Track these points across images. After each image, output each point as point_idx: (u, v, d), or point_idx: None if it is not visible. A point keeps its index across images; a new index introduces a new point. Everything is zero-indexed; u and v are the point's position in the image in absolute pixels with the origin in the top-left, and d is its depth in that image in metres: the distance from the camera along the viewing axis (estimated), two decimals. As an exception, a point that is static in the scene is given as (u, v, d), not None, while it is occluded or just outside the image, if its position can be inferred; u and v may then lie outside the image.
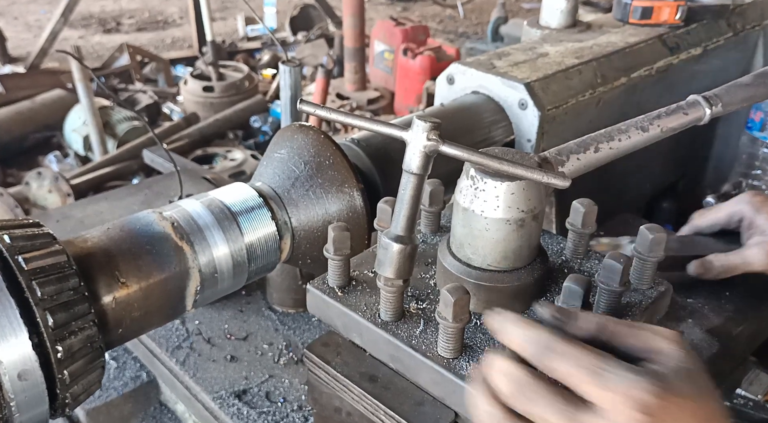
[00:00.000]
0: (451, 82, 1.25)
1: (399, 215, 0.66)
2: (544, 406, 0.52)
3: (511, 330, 0.55)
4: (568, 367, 0.52)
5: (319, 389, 0.80)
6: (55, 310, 0.67)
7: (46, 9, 7.54)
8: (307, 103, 0.67)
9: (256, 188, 0.95)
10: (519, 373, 0.53)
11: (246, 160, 4.30)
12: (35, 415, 0.68)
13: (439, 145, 0.63)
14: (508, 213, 0.66)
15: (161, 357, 1.29)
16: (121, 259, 0.77)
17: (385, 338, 0.69)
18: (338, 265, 0.75)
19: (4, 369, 0.63)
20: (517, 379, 0.53)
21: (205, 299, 0.88)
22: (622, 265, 0.66)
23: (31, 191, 3.50)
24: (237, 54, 6.08)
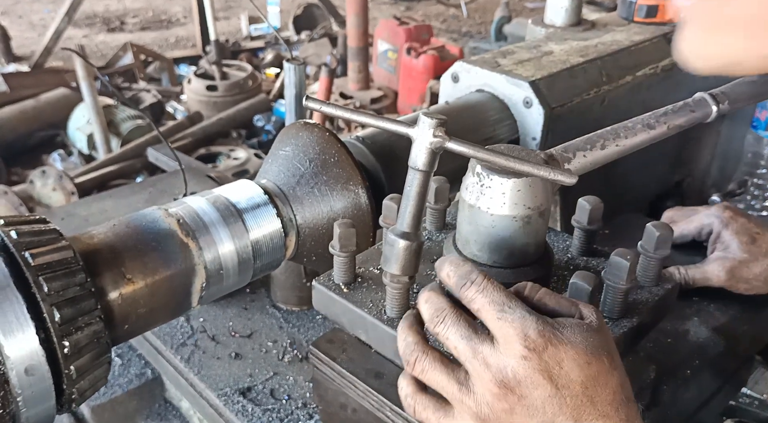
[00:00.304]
0: (455, 81, 1.25)
1: (405, 212, 0.66)
2: (453, 329, 0.57)
3: (445, 265, 0.60)
4: (480, 299, 0.57)
5: (325, 386, 0.80)
6: (61, 305, 0.67)
7: (50, 8, 7.56)
8: (313, 99, 0.68)
9: (261, 185, 0.95)
10: (439, 300, 0.59)
11: (249, 158, 4.31)
12: (42, 410, 0.68)
13: (445, 141, 0.63)
14: (514, 210, 0.66)
15: (166, 354, 1.29)
16: (127, 255, 0.78)
17: (391, 335, 0.69)
18: (344, 262, 0.75)
19: (11, 364, 0.64)
20: (437, 305, 0.59)
21: (211, 296, 0.88)
22: (629, 262, 0.66)
23: (35, 190, 3.52)
24: (240, 53, 6.10)
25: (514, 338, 0.54)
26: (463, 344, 0.56)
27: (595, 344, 0.55)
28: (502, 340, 0.55)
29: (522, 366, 0.54)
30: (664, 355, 0.93)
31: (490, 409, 0.55)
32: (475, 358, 0.55)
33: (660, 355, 0.93)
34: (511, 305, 0.56)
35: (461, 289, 0.58)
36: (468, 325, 0.57)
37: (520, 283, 0.60)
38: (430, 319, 0.58)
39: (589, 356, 0.54)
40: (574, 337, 0.55)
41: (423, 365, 0.58)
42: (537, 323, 0.55)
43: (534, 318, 0.55)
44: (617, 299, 0.68)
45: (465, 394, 0.57)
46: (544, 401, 0.54)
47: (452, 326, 0.57)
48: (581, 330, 0.56)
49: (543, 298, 0.59)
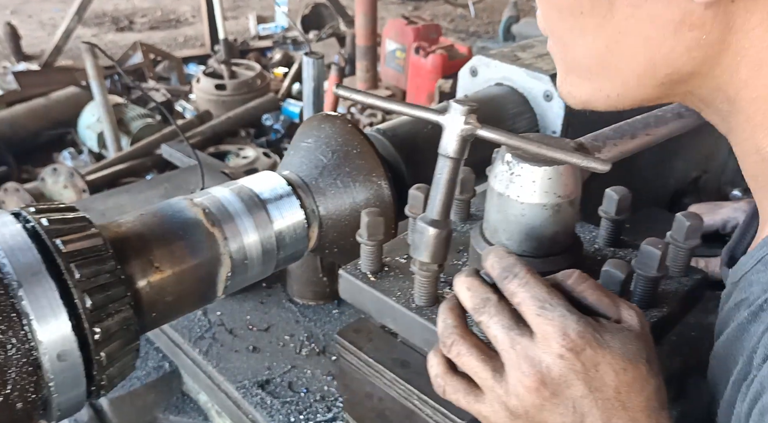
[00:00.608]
0: (474, 74, 1.25)
1: (435, 199, 0.66)
2: (496, 319, 0.57)
3: (490, 255, 0.60)
4: (522, 293, 0.56)
5: (350, 375, 0.80)
6: (92, 291, 0.67)
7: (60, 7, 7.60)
8: (343, 87, 0.68)
9: (284, 177, 0.95)
10: (483, 288, 0.59)
11: (258, 157, 4.31)
12: (72, 396, 0.68)
13: (476, 129, 0.63)
14: (544, 198, 0.66)
15: (184, 347, 1.30)
16: (155, 244, 0.78)
17: (420, 323, 0.69)
18: (371, 251, 0.75)
19: (44, 349, 0.64)
20: (482, 294, 0.58)
21: (235, 286, 0.88)
22: (660, 251, 0.65)
23: (46, 187, 3.53)
24: (249, 52, 6.11)
25: (553, 336, 0.54)
26: (503, 334, 0.56)
27: (634, 351, 0.55)
28: (541, 337, 0.55)
29: (557, 364, 0.54)
30: (689, 348, 0.93)
31: (520, 402, 0.55)
32: (512, 348, 0.55)
33: (684, 347, 0.93)
34: (552, 302, 0.55)
35: (504, 282, 0.57)
36: (511, 316, 0.57)
37: (567, 270, 0.59)
38: (473, 307, 0.58)
39: (626, 363, 0.54)
40: (613, 342, 0.54)
41: (459, 348, 0.58)
42: (577, 324, 0.54)
43: (574, 318, 0.54)
44: (647, 289, 0.68)
45: (497, 382, 0.57)
46: (575, 401, 0.54)
47: (495, 315, 0.57)
48: (622, 335, 0.55)
49: (585, 291, 0.58)
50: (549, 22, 0.64)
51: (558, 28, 0.62)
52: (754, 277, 0.59)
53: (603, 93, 0.62)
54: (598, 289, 0.58)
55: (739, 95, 0.56)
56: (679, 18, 0.53)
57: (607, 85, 0.61)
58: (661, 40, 0.55)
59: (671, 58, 0.56)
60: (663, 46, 0.55)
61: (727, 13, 0.52)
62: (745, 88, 0.56)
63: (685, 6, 0.52)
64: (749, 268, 0.61)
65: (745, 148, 0.61)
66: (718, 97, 0.59)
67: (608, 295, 0.58)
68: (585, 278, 0.58)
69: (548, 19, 0.63)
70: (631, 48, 0.57)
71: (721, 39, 0.54)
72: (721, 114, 0.61)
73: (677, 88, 0.60)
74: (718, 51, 0.55)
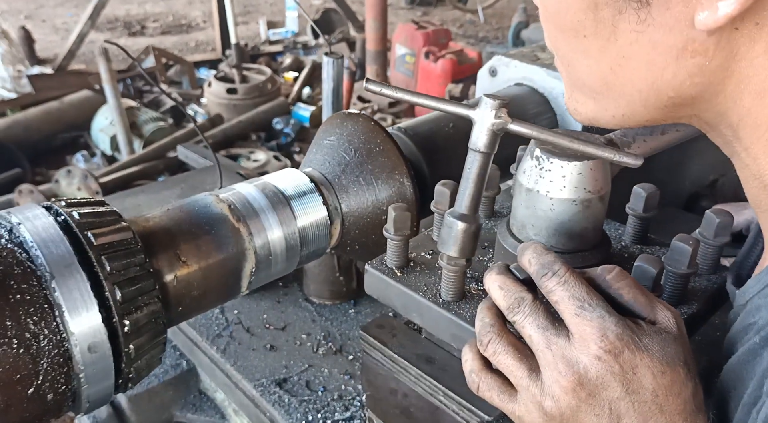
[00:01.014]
0: (493, 75, 1.25)
1: (464, 194, 0.66)
2: (531, 319, 0.56)
3: (528, 251, 0.59)
4: (560, 292, 0.56)
5: (375, 371, 0.80)
6: (122, 284, 0.68)
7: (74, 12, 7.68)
8: (373, 82, 0.68)
9: (307, 174, 0.96)
10: (516, 287, 0.58)
11: (269, 161, 4.33)
12: (101, 388, 0.69)
13: (507, 123, 0.63)
14: (574, 193, 0.66)
15: (202, 345, 1.30)
16: (181, 238, 0.78)
17: (448, 318, 0.69)
18: (398, 246, 0.75)
19: (75, 340, 0.64)
20: (516, 293, 0.58)
21: (259, 281, 0.88)
22: (691, 248, 0.65)
23: (60, 189, 3.56)
24: (259, 57, 6.15)
25: (591, 337, 0.53)
26: (539, 334, 0.56)
27: (672, 354, 0.54)
28: (578, 337, 0.54)
29: (594, 366, 0.53)
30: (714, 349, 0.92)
31: (555, 402, 0.55)
32: (548, 348, 0.55)
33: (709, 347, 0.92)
34: (592, 303, 0.54)
35: (541, 279, 0.57)
36: (546, 316, 0.56)
37: (607, 266, 0.58)
38: (508, 307, 0.58)
39: (665, 366, 0.54)
40: (651, 346, 0.54)
41: (496, 347, 0.58)
42: (616, 326, 0.53)
43: (614, 320, 0.54)
44: (678, 285, 0.68)
45: (533, 382, 0.56)
46: (612, 402, 0.54)
47: (530, 315, 0.56)
48: (660, 338, 0.55)
49: (622, 289, 0.57)
50: (553, 42, 0.64)
51: (562, 48, 0.62)
52: (762, 302, 0.59)
53: (608, 112, 0.62)
54: (635, 288, 0.57)
55: (742, 122, 0.56)
56: (682, 44, 0.53)
57: (612, 105, 0.61)
58: (664, 65, 0.55)
59: (674, 83, 0.56)
60: (666, 72, 0.55)
61: (731, 41, 0.52)
62: (747, 116, 0.56)
63: (687, 33, 0.52)
64: (756, 293, 0.60)
65: (746, 174, 0.61)
66: (722, 122, 0.58)
67: (645, 295, 0.57)
68: (625, 276, 0.58)
69: (552, 40, 0.63)
70: (635, 71, 0.56)
71: (724, 66, 0.53)
72: (725, 138, 0.61)
73: (682, 111, 0.60)
74: (721, 78, 0.54)
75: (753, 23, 0.50)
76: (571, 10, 0.56)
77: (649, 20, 0.52)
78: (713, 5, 0.49)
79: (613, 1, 0.53)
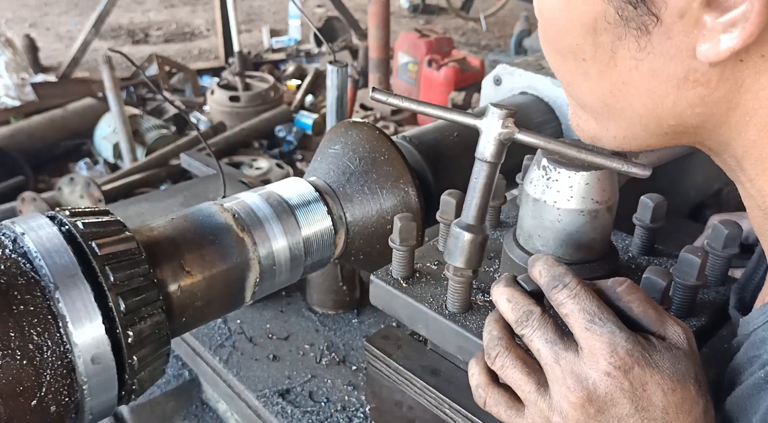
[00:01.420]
0: (497, 83, 1.25)
1: (470, 204, 0.66)
2: (539, 332, 0.56)
3: (538, 262, 0.58)
4: (571, 305, 0.55)
5: (379, 383, 0.79)
6: (126, 295, 0.67)
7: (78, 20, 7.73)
8: (378, 91, 0.68)
9: (311, 183, 0.95)
10: (524, 300, 0.58)
11: (271, 168, 4.33)
12: (104, 400, 0.68)
13: (514, 132, 0.63)
14: (582, 204, 0.66)
15: (204, 355, 1.29)
16: (186, 248, 0.78)
17: (454, 329, 0.69)
18: (404, 256, 0.75)
19: (78, 352, 0.64)
20: (524, 307, 0.57)
21: (263, 291, 0.88)
22: (700, 259, 0.64)
23: (63, 196, 3.56)
24: (262, 65, 6.17)
25: (601, 352, 0.53)
26: (547, 348, 0.55)
27: (683, 371, 0.54)
28: (588, 352, 0.54)
29: (604, 382, 0.53)
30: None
31: (563, 418, 0.54)
32: (557, 363, 0.54)
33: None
34: (602, 317, 0.54)
35: (552, 290, 0.56)
36: (555, 330, 0.56)
37: (618, 278, 0.57)
38: (516, 320, 0.57)
39: (675, 383, 0.53)
40: (662, 362, 0.53)
41: (504, 361, 0.57)
42: (626, 341, 0.53)
43: (624, 335, 0.53)
44: (686, 297, 0.67)
45: (541, 397, 0.56)
46: (621, 420, 0.53)
47: (538, 329, 0.56)
48: (670, 355, 0.54)
49: (632, 302, 0.56)
50: (552, 64, 0.62)
51: (561, 69, 0.61)
52: (767, 334, 0.58)
53: (610, 133, 0.60)
54: (646, 302, 0.56)
55: (747, 154, 0.55)
56: (683, 74, 0.51)
57: (613, 126, 0.60)
58: (664, 93, 0.53)
59: (675, 112, 0.54)
60: (666, 100, 0.54)
61: (735, 73, 0.50)
62: (753, 148, 0.54)
63: (689, 63, 0.50)
64: (761, 324, 0.59)
65: (750, 203, 0.60)
66: (726, 151, 0.57)
67: (656, 309, 0.56)
68: (636, 289, 0.57)
69: (552, 61, 0.62)
70: (635, 97, 0.55)
71: (728, 98, 0.52)
72: (728, 167, 0.60)
73: (684, 139, 0.59)
74: (725, 109, 0.53)
75: (759, 55, 0.49)
76: (570, 34, 0.55)
77: (650, 48, 0.51)
78: (715, 38, 0.47)
79: (613, 27, 0.52)
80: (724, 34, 0.47)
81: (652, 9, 0.48)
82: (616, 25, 0.51)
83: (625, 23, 0.51)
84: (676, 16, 0.48)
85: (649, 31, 0.50)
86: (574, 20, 0.53)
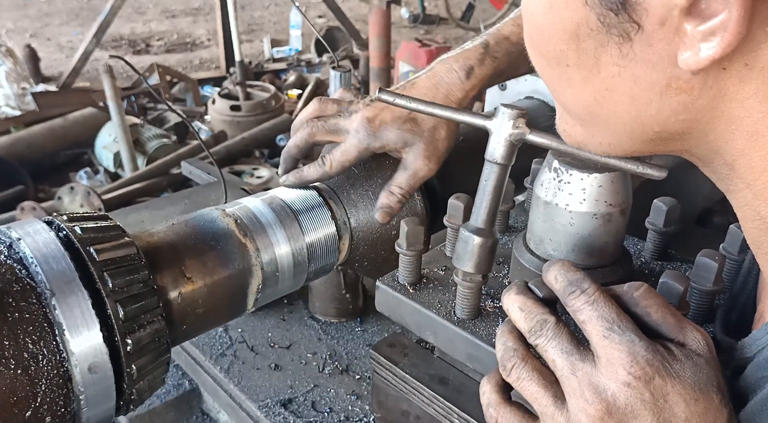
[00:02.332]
0: (503, 88, 1.23)
1: (480, 207, 0.64)
2: (554, 342, 0.54)
3: (554, 267, 0.56)
4: (588, 311, 0.53)
5: (385, 392, 0.77)
6: (125, 302, 0.65)
7: (79, 30, 7.76)
8: (386, 92, 0.66)
9: (314, 187, 0.94)
10: (538, 308, 0.55)
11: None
12: (102, 410, 0.66)
13: (525, 133, 0.61)
14: (595, 207, 0.64)
15: (205, 364, 1.27)
16: (186, 254, 0.76)
17: (463, 336, 0.67)
18: (410, 261, 0.73)
19: (75, 360, 0.62)
20: (538, 315, 0.55)
21: (265, 299, 0.86)
22: (717, 264, 0.62)
23: (63, 206, 3.55)
24: (263, 74, 6.17)
25: (620, 362, 0.51)
26: (563, 359, 0.53)
27: (705, 380, 0.52)
28: (605, 361, 0.51)
29: (624, 393, 0.50)
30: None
31: None
32: (573, 374, 0.52)
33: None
34: (621, 325, 0.52)
35: (568, 296, 0.54)
36: (570, 339, 0.54)
37: (635, 282, 0.55)
38: (529, 330, 0.55)
39: (698, 393, 0.51)
40: (683, 372, 0.51)
41: (520, 373, 0.55)
42: (647, 351, 0.51)
43: (644, 344, 0.51)
44: (703, 302, 0.65)
45: (558, 410, 0.53)
46: None
47: (553, 339, 0.54)
48: (691, 363, 0.52)
49: (650, 307, 0.54)
50: (538, 69, 0.61)
51: (546, 74, 0.60)
52: None
53: (595, 139, 0.60)
54: (664, 307, 0.54)
55: (737, 162, 0.54)
56: (665, 82, 0.50)
57: (599, 132, 0.59)
58: (647, 100, 0.52)
59: (659, 119, 0.53)
60: (650, 107, 0.53)
61: (719, 81, 0.49)
62: (741, 157, 0.53)
63: (671, 70, 0.49)
64: (766, 344, 0.57)
65: (745, 213, 0.57)
66: (716, 159, 0.56)
67: (674, 315, 0.54)
68: (653, 293, 0.55)
69: (537, 66, 0.61)
70: (618, 104, 0.54)
71: (712, 105, 0.51)
72: (720, 175, 0.58)
73: (671, 146, 0.58)
74: (709, 117, 0.52)
75: (742, 64, 0.48)
76: (553, 39, 0.54)
77: (632, 55, 0.50)
78: (695, 46, 0.46)
79: (596, 34, 0.51)
80: (704, 42, 0.46)
81: (634, 16, 0.47)
82: (599, 31, 0.50)
83: (607, 30, 0.50)
84: (657, 24, 0.47)
85: (631, 38, 0.49)
86: (557, 25, 0.52)
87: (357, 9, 8.35)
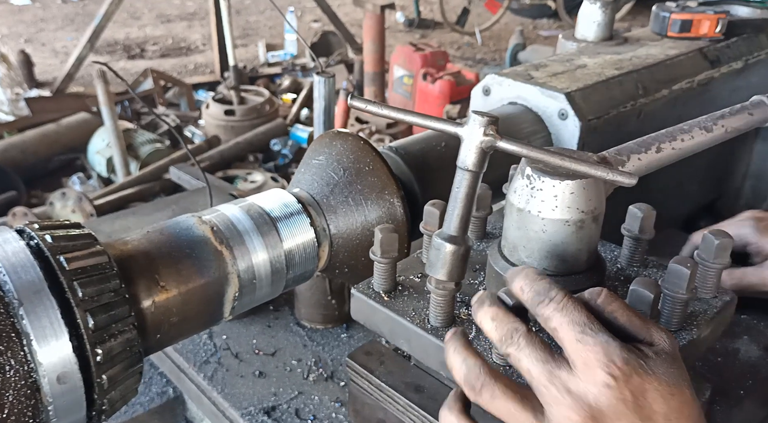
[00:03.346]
0: (486, 94, 1.23)
1: (452, 215, 0.63)
2: (528, 351, 0.53)
3: (518, 277, 0.56)
4: (559, 318, 0.53)
5: (361, 400, 0.77)
6: (95, 311, 0.65)
7: (73, 36, 7.75)
8: (358, 98, 0.66)
9: (294, 194, 0.93)
10: (509, 318, 0.55)
11: (266, 182, 4.32)
12: (72, 421, 0.65)
13: (496, 140, 0.61)
14: (567, 214, 0.64)
15: (189, 372, 1.26)
16: (161, 262, 0.75)
17: (436, 344, 0.66)
18: (385, 269, 0.72)
19: (43, 371, 0.61)
20: (509, 324, 0.55)
21: (243, 307, 0.85)
22: (689, 270, 0.62)
23: (54, 211, 3.54)
24: (258, 79, 6.18)
25: (596, 364, 0.50)
26: (538, 367, 0.52)
27: (677, 375, 0.52)
28: (582, 365, 0.51)
29: (605, 394, 0.50)
30: (715, 375, 0.89)
31: None
32: (551, 382, 0.52)
33: (710, 374, 0.89)
34: (593, 327, 0.52)
35: (537, 306, 0.54)
36: (543, 347, 0.53)
37: (594, 289, 0.55)
38: (500, 339, 0.55)
39: (673, 388, 0.51)
40: (657, 368, 0.52)
41: (492, 391, 0.54)
42: (621, 350, 0.51)
43: (618, 344, 0.51)
44: (676, 310, 0.65)
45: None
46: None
47: (526, 347, 0.53)
48: (662, 360, 0.52)
49: (616, 311, 0.54)
50: None
51: None
52: None
53: None
54: (629, 310, 0.55)
55: None
56: None
57: None
58: None
59: None
60: None
61: None
62: None
63: None
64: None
65: None
66: None
67: (639, 317, 0.55)
68: (615, 297, 0.55)
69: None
70: None
71: None
72: None
73: None
74: None
75: None
76: None
77: None
78: None
79: None
80: None
81: None
82: None
83: None
84: None
85: None
86: None
87: (352, 14, 8.36)
